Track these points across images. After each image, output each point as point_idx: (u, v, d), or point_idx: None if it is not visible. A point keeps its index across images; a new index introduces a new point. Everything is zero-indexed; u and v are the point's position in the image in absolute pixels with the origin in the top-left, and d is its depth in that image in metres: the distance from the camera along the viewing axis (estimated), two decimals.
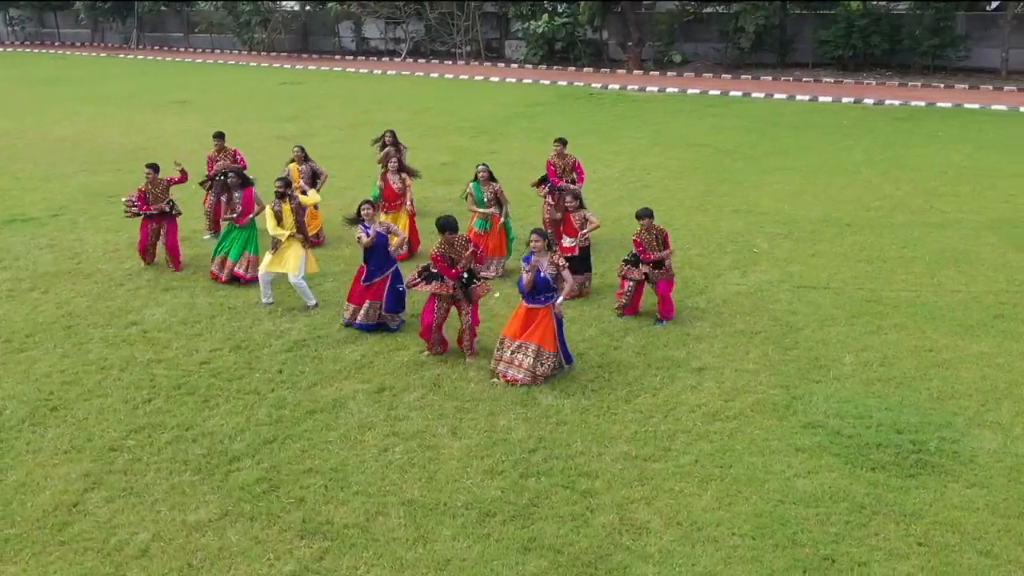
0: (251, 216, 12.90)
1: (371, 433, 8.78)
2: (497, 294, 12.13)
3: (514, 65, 39.39)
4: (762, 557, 6.90)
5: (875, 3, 35.48)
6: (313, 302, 11.98)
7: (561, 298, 9.81)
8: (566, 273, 9.83)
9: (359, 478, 8.00)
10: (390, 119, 26.56)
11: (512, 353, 9.75)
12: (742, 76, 35.23)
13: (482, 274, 11.54)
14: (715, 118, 26.52)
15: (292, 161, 14.82)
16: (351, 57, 44.41)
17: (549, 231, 14.57)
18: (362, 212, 10.94)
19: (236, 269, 12.83)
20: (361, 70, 40.31)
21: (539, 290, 9.69)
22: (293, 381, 9.87)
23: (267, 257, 11.92)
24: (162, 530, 7.31)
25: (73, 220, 16.47)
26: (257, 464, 8.25)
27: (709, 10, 38.81)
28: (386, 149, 14.71)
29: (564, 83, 34.48)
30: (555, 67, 38.25)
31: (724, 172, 19.53)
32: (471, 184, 13.21)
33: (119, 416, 9.15)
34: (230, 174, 12.97)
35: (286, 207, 11.77)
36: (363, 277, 11.11)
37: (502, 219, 13.07)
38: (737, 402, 9.32)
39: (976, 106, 27.96)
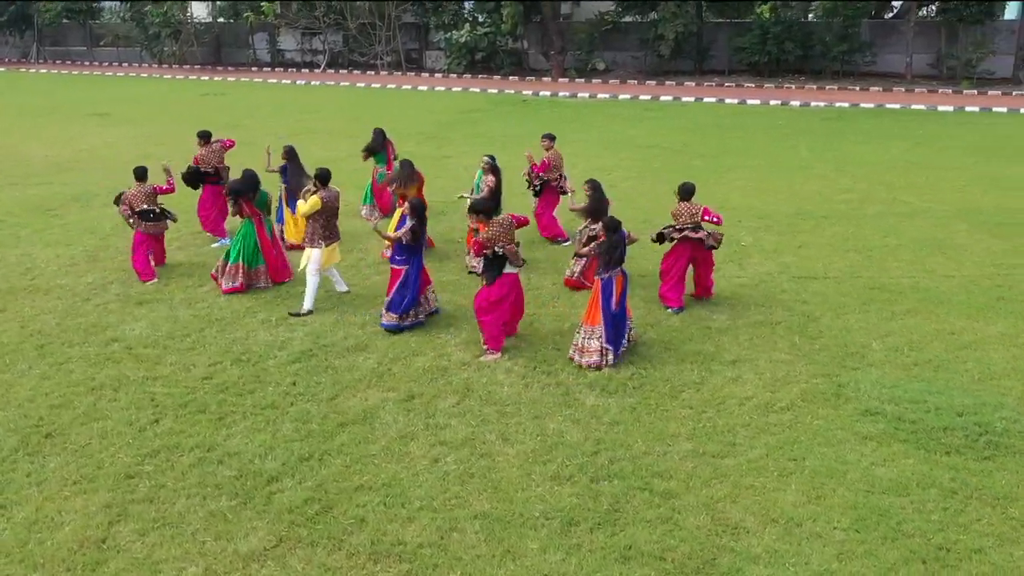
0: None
1: (415, 444, 7.98)
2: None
3: (439, 74, 38.63)
4: (875, 551, 6.42)
5: (788, 7, 36.06)
6: (309, 307, 11.18)
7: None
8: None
9: (418, 492, 7.20)
10: (330, 127, 25.65)
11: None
12: (667, 82, 35.32)
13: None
14: (654, 121, 26.37)
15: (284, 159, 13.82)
16: (268, 69, 42.90)
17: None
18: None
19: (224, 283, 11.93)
20: (283, 81, 38.98)
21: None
22: (312, 393, 8.98)
23: (314, 254, 11.16)
24: (213, 564, 6.40)
25: (14, 234, 15.06)
26: (300, 484, 7.37)
27: (627, 19, 38.92)
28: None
29: (494, 91, 33.94)
30: (480, 76, 37.63)
31: (684, 171, 19.14)
32: (477, 172, 13.04)
33: (126, 440, 8.12)
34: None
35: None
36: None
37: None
38: (784, 393, 8.87)
39: (897, 106, 28.60)
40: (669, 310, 10.95)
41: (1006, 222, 14.94)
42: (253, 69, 42.75)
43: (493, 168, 12.69)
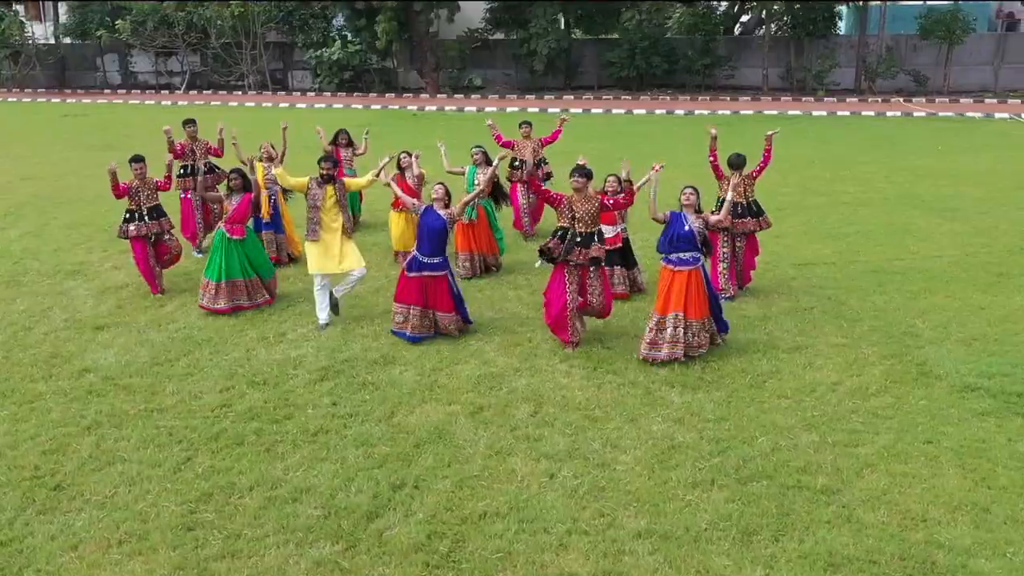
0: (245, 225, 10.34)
1: (515, 459, 6.76)
2: (539, 263, 10.31)
3: (311, 93, 36.68)
4: None
5: (650, 21, 36.50)
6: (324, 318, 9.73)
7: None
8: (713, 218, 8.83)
9: (557, 514, 6.01)
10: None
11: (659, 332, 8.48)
12: (545, 96, 34.91)
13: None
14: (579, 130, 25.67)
15: (260, 160, 12.02)
16: (123, 91, 39.60)
17: (526, 220, 13.09)
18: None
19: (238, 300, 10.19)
20: (147, 101, 35.92)
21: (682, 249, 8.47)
22: (362, 413, 7.58)
23: (311, 256, 9.62)
24: None
25: None
26: (408, 517, 6.02)
27: (497, 37, 38.38)
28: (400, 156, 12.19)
29: (377, 107, 32.47)
30: (356, 94, 36.00)
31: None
32: (467, 167, 11.83)
33: (162, 484, 6.50)
34: (232, 174, 10.32)
35: (329, 190, 9.48)
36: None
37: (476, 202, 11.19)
38: (867, 376, 8.19)
39: (798, 112, 29.26)
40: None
41: (950, 207, 15.05)
42: (107, 91, 39.27)
43: (487, 159, 11.63)
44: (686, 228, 8.49)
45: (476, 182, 11.41)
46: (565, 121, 13.45)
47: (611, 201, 8.88)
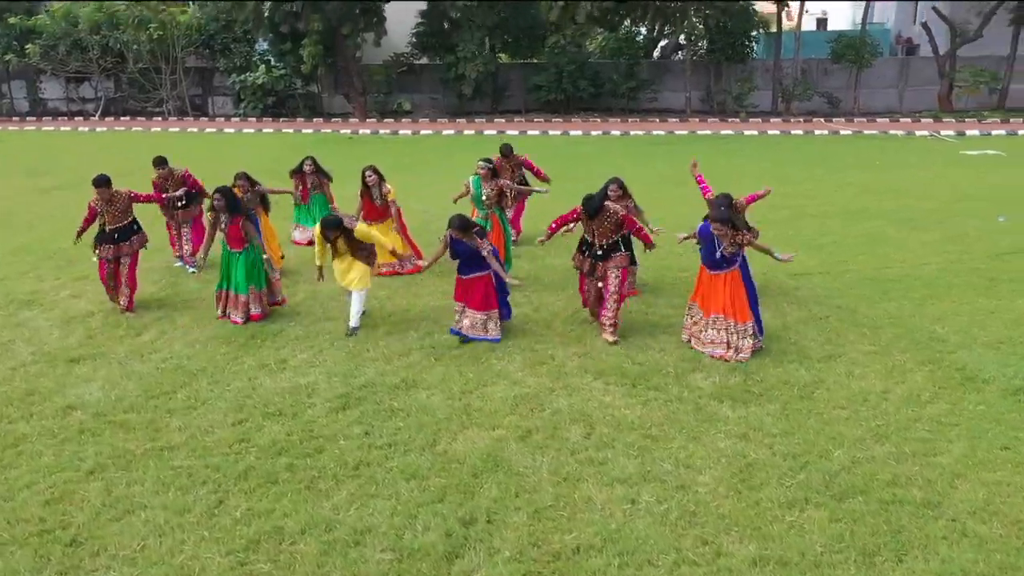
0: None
1: (587, 486, 6.14)
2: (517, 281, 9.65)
3: (235, 119, 35.29)
4: None
5: (574, 44, 36.48)
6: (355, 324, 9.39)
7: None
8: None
9: (656, 544, 5.41)
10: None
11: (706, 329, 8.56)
12: (476, 120, 34.43)
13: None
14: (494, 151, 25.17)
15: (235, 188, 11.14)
16: (32, 118, 37.35)
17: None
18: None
19: (252, 309, 9.82)
20: (62, 128, 33.90)
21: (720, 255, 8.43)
22: (402, 443, 6.82)
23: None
24: None
25: None
26: (492, 556, 5.34)
27: (423, 62, 37.78)
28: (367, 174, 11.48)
29: (308, 131, 31.40)
30: (282, 119, 34.79)
31: (562, 193, 18.03)
32: (470, 179, 11.24)
33: (197, 532, 5.64)
34: (216, 195, 9.67)
35: (339, 241, 9.27)
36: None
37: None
38: (910, 383, 7.85)
39: (731, 132, 29.41)
40: None
41: (908, 218, 15.07)
42: (16, 119, 36.99)
43: (494, 172, 11.23)
44: (716, 256, 8.44)
45: (484, 196, 10.98)
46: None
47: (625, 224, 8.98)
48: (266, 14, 33.25)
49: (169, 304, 10.46)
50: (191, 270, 11.85)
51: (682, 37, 37.55)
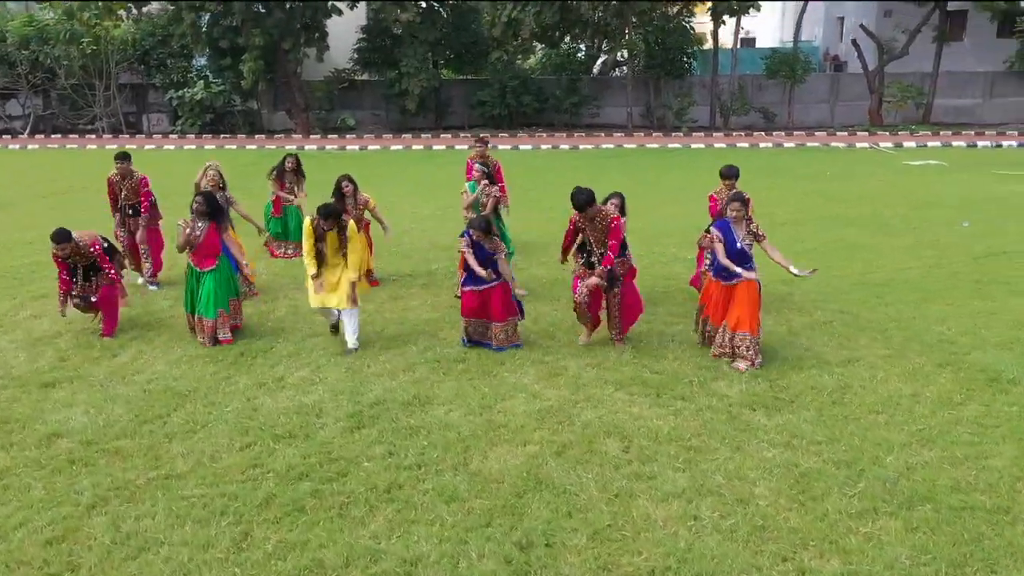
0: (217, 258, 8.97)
1: (642, 502, 5.72)
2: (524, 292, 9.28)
3: (174, 136, 34.03)
4: None
5: (515, 60, 36.35)
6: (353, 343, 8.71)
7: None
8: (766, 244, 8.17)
9: (735, 563, 5.03)
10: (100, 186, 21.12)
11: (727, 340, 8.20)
12: (422, 135, 33.87)
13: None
14: (453, 166, 24.72)
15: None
16: None
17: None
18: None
19: (220, 335, 8.96)
20: None
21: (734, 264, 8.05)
22: (431, 463, 6.32)
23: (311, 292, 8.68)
24: None
25: None
26: None
27: (363, 77, 37.13)
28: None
29: (253, 147, 30.41)
30: (223, 135, 33.67)
31: (544, 204, 17.69)
32: (467, 185, 10.82)
33: (227, 570, 5.07)
34: (198, 198, 8.87)
35: (331, 235, 8.48)
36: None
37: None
38: (937, 386, 7.65)
39: (679, 145, 29.42)
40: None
41: (876, 224, 15.10)
42: None
43: (489, 177, 10.78)
44: (738, 246, 8.06)
45: (481, 201, 10.55)
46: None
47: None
48: (204, 29, 32.25)
49: (142, 323, 9.72)
50: (152, 288, 11.08)
51: (621, 54, 37.74)
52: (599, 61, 40.71)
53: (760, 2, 35.33)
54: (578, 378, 7.87)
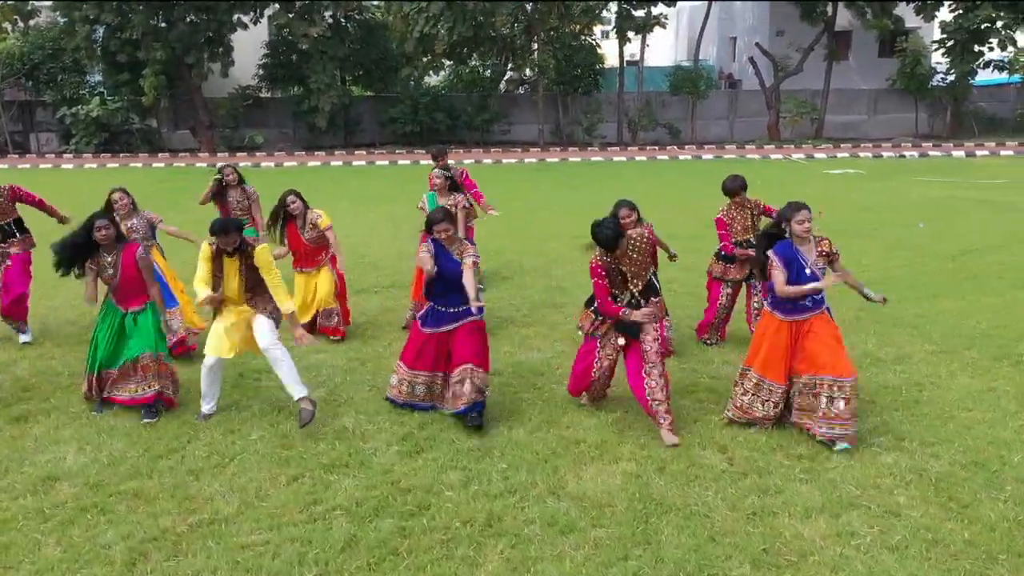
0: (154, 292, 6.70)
1: (783, 520, 4.96)
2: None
3: (69, 155, 31.48)
4: None
5: (430, 75, 35.58)
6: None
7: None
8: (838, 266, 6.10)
9: None
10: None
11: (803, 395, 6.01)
12: (337, 152, 32.52)
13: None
14: (398, 180, 23.68)
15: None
16: None
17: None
18: None
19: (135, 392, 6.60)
20: None
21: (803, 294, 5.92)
22: (522, 489, 5.41)
23: (214, 334, 6.47)
24: None
25: None
26: None
27: (266, 95, 35.54)
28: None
29: (160, 165, 28.41)
30: (122, 154, 31.39)
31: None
32: (425, 196, 8.95)
33: None
34: (99, 222, 6.51)
35: (230, 262, 6.38)
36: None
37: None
38: (1007, 380, 7.22)
39: (601, 159, 29.06)
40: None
41: (844, 228, 14.78)
42: None
43: (454, 185, 9.02)
44: (807, 272, 5.92)
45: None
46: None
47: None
48: (100, 42, 30.11)
49: None
50: (24, 339, 8.59)
51: (529, 71, 37.40)
52: (504, 79, 40.27)
53: (662, 22, 35.72)
54: (625, 421, 7.05)
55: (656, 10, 35.20)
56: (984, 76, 36.68)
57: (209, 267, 6.29)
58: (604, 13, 37.64)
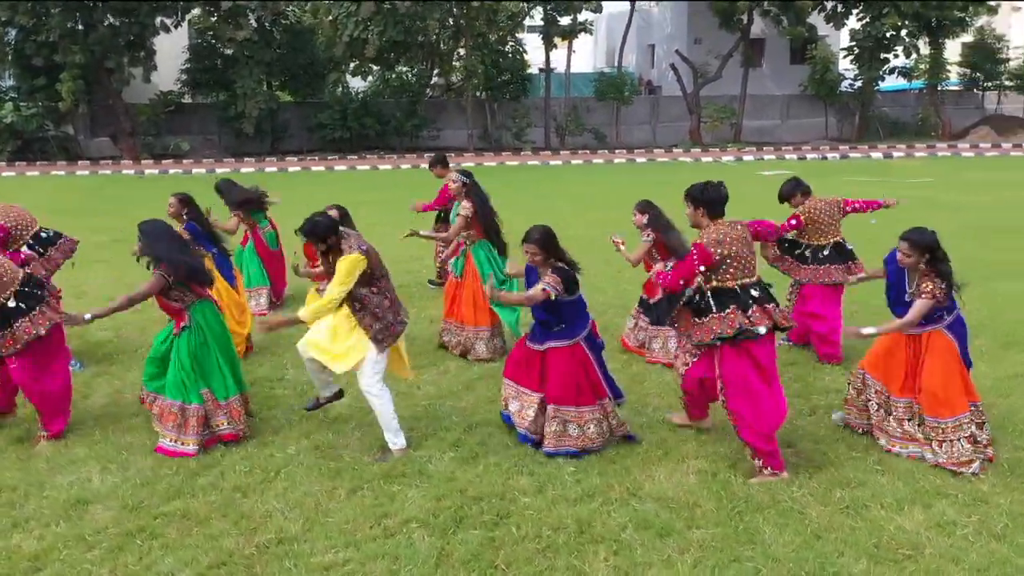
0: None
1: (875, 511, 4.82)
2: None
3: None
4: None
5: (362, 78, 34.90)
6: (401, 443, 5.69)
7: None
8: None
9: None
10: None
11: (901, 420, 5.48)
12: (267, 158, 31.48)
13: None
14: (333, 184, 22.95)
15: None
16: None
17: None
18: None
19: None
20: None
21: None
22: (601, 493, 5.12)
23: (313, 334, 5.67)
24: None
25: None
26: None
27: (188, 100, 34.19)
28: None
29: (84, 173, 26.91)
30: (39, 162, 29.62)
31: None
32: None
33: None
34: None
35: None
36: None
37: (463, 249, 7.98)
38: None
39: (559, 163, 28.83)
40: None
41: None
42: None
43: (468, 192, 8.00)
44: (906, 298, 5.39)
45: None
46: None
47: None
48: (13, 44, 28.41)
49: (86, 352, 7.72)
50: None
51: (456, 76, 37.01)
52: (430, 84, 39.79)
53: (588, 29, 35.92)
54: (664, 382, 6.85)
55: (582, 16, 35.35)
56: (888, 82, 38.16)
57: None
58: (527, 21, 37.68)
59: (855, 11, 35.15)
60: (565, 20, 34.88)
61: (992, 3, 35.89)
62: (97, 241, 12.97)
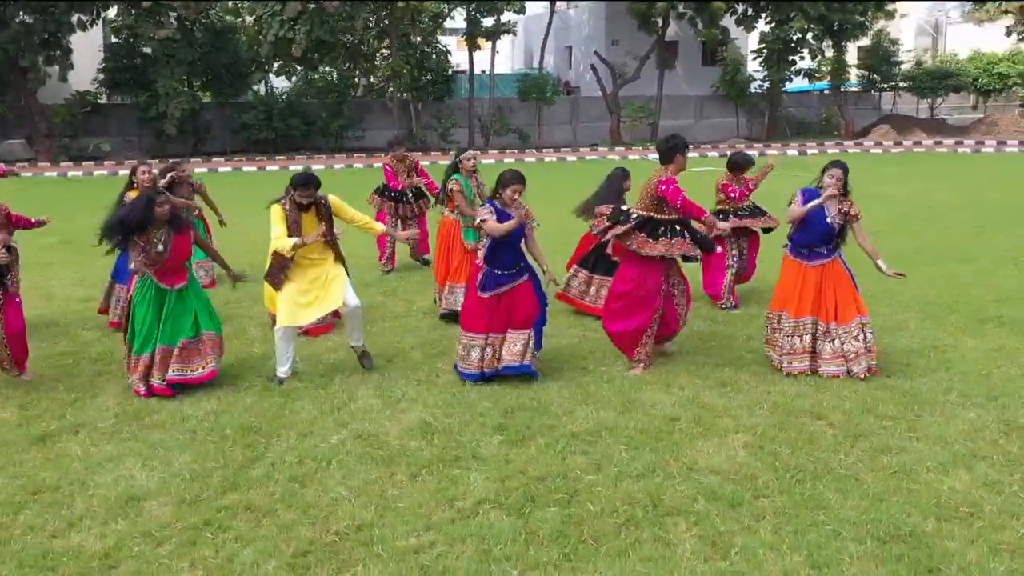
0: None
1: (923, 474, 4.98)
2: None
3: None
4: None
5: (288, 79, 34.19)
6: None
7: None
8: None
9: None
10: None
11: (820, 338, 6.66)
12: (191, 160, 30.43)
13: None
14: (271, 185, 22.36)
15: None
16: None
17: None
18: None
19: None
20: None
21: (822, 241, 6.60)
22: (664, 469, 5.14)
23: (286, 303, 6.49)
24: None
25: None
26: None
27: (103, 100, 32.82)
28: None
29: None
30: None
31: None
32: (454, 178, 8.52)
33: None
34: (160, 198, 6.06)
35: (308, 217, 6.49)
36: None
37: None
38: (1010, 348, 7.58)
39: (490, 161, 28.55)
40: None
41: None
42: None
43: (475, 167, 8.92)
44: (828, 220, 6.44)
45: (474, 196, 8.55)
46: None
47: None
48: None
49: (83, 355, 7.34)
50: None
51: (379, 77, 36.59)
52: (353, 84, 39.22)
53: (512, 30, 36.05)
54: (687, 358, 6.95)
55: (504, 17, 35.44)
56: (794, 84, 39.57)
57: (284, 227, 6.28)
58: (449, 23, 37.55)
59: (763, 15, 36.30)
60: (489, 21, 34.89)
61: (889, 7, 37.65)
62: (44, 243, 12.37)
